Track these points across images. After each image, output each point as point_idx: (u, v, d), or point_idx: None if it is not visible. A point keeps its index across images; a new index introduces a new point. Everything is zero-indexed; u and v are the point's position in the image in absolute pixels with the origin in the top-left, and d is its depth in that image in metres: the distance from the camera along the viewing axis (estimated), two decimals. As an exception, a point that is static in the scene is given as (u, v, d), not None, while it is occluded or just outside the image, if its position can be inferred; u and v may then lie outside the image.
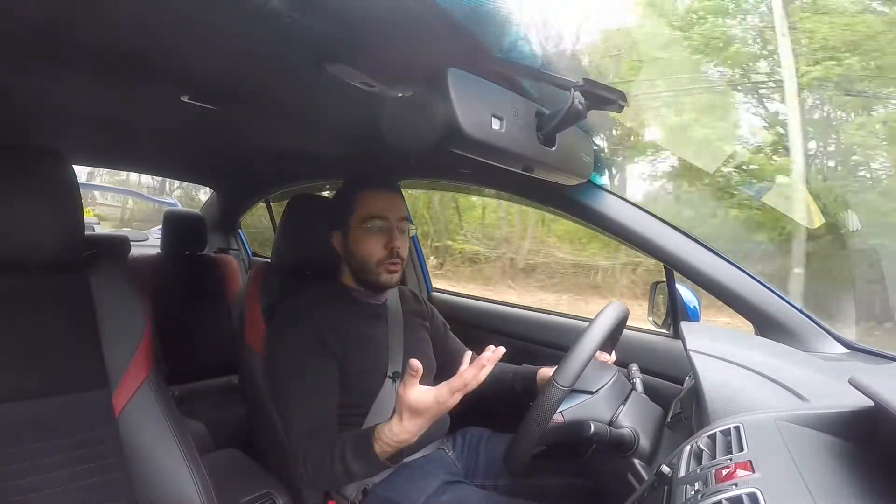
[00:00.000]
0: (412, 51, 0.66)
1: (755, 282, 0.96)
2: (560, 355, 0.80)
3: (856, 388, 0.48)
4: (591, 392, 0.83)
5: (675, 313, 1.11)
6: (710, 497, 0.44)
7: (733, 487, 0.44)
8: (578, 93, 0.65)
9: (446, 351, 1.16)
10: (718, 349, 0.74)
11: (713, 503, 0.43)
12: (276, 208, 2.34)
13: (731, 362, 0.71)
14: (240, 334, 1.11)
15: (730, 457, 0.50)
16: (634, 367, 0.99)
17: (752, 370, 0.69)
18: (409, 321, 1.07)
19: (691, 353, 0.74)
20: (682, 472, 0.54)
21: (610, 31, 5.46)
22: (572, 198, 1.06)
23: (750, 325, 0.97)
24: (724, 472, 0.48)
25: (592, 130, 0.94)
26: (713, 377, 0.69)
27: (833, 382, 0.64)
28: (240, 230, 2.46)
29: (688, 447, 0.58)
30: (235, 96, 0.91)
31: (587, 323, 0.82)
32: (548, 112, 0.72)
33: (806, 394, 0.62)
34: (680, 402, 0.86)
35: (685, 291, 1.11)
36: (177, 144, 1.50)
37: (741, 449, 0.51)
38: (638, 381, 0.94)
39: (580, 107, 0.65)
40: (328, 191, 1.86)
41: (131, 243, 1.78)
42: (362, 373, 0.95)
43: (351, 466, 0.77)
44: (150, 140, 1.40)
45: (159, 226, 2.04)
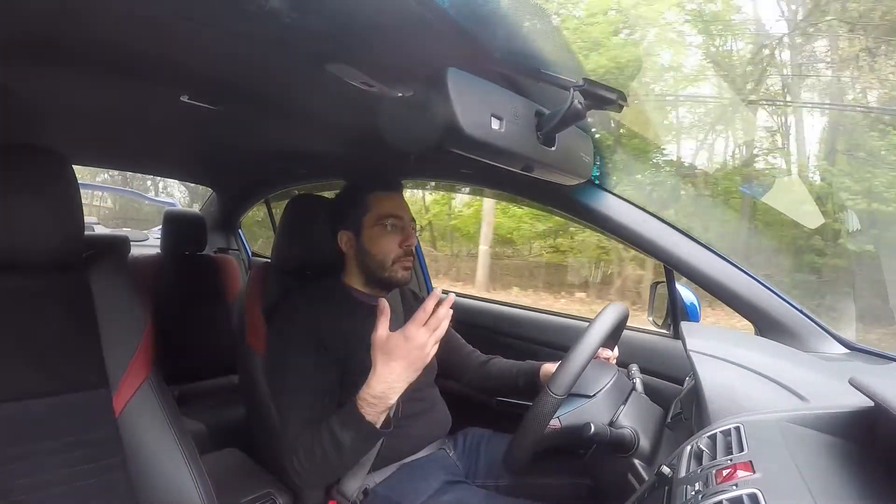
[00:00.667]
0: (412, 51, 0.66)
1: (755, 282, 0.96)
2: (560, 355, 0.80)
3: (856, 388, 0.48)
4: (589, 396, 0.83)
5: (675, 313, 1.11)
6: (710, 497, 0.44)
7: (734, 488, 0.44)
8: (578, 93, 0.65)
9: (449, 349, 1.16)
10: (718, 349, 0.74)
11: (713, 503, 0.43)
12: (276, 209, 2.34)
13: (731, 362, 0.71)
14: (240, 334, 1.11)
15: (730, 457, 0.50)
16: (634, 367, 0.99)
17: (752, 370, 0.69)
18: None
19: (691, 354, 0.74)
20: (683, 473, 0.54)
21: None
22: (572, 198, 1.06)
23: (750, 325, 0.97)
24: (725, 473, 0.48)
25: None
26: (713, 377, 0.69)
27: (833, 382, 0.64)
28: (240, 230, 2.46)
29: (688, 447, 0.58)
30: (235, 96, 0.91)
31: (587, 323, 0.82)
32: (547, 112, 0.72)
33: (806, 394, 0.63)
34: (680, 402, 0.86)
35: (685, 291, 1.11)
36: (177, 144, 1.50)
37: (741, 449, 0.51)
38: (638, 381, 0.95)
39: (580, 107, 0.65)
40: (328, 191, 1.86)
41: (131, 243, 1.80)
42: (363, 372, 0.94)
43: (340, 437, 0.76)
44: (150, 140, 1.40)
45: (159, 226, 2.04)
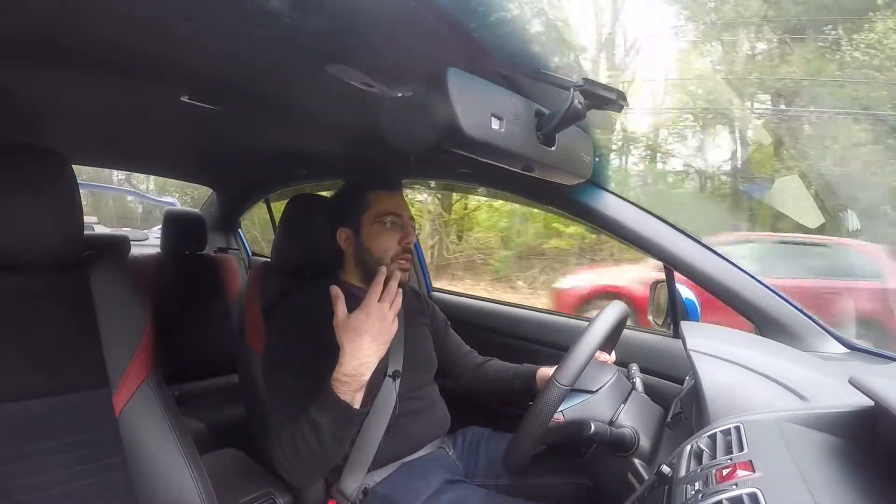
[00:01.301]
0: (412, 51, 0.66)
1: (755, 282, 0.96)
2: (560, 355, 0.80)
3: (856, 387, 0.49)
4: (592, 391, 0.84)
5: (675, 313, 1.11)
6: (710, 497, 0.44)
7: (734, 487, 0.44)
8: (578, 92, 0.65)
9: (447, 348, 1.16)
10: (719, 349, 0.74)
11: (713, 503, 0.43)
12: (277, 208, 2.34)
13: (731, 362, 0.71)
14: (240, 334, 1.11)
15: (730, 457, 0.50)
16: (634, 367, 0.99)
17: (752, 370, 0.69)
18: (409, 319, 1.07)
19: (691, 353, 0.74)
20: (683, 472, 0.54)
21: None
22: (572, 197, 1.06)
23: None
24: (725, 472, 0.48)
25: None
26: (713, 377, 0.69)
27: (833, 382, 0.64)
28: (239, 230, 2.46)
29: (688, 447, 0.58)
30: (235, 96, 0.91)
31: (587, 323, 0.82)
32: (547, 112, 0.72)
33: (806, 394, 0.63)
34: (680, 401, 0.86)
35: (685, 291, 1.11)
36: (177, 144, 1.50)
37: (741, 449, 0.51)
38: (638, 381, 0.95)
39: (580, 106, 0.65)
40: (328, 190, 1.86)
41: (131, 243, 1.80)
42: None
43: (318, 420, 0.74)
44: (150, 140, 1.40)
45: (159, 226, 2.04)
